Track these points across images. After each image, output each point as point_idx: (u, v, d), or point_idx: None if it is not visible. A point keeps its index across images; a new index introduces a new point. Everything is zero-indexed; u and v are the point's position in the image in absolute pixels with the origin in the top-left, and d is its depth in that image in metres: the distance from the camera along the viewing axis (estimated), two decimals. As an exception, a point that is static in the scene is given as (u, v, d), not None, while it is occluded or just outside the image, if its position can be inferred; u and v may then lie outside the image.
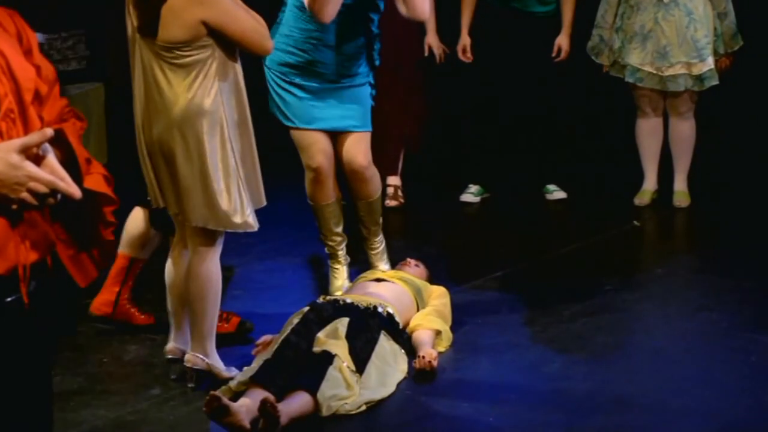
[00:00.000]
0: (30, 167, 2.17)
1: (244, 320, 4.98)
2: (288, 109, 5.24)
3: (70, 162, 2.32)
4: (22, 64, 2.36)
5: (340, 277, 5.49)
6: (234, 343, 4.87)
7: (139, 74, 4.32)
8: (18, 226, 2.29)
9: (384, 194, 7.12)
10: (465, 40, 7.01)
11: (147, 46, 4.25)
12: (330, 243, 5.50)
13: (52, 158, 2.24)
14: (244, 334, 4.94)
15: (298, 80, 5.21)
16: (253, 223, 4.37)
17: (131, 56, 4.36)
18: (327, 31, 5.15)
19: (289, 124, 5.27)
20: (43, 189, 2.18)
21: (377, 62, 5.42)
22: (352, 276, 5.48)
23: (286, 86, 5.22)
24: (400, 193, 7.14)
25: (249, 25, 4.25)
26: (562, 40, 6.91)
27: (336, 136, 5.35)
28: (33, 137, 2.19)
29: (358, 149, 5.33)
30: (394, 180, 7.16)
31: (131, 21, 4.29)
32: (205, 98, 4.23)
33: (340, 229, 5.48)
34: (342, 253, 5.52)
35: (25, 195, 2.17)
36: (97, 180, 2.42)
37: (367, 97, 5.39)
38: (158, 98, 4.26)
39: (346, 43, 5.23)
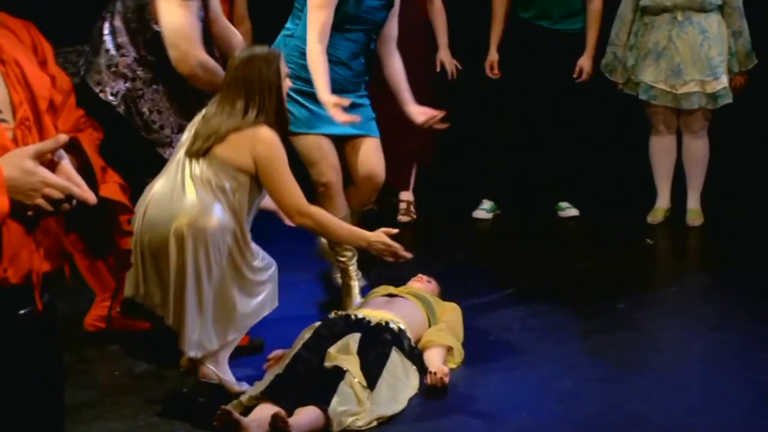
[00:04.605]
0: (44, 173, 2.17)
1: (253, 338, 4.96)
2: (297, 116, 5.21)
3: (85, 170, 2.32)
4: (37, 74, 2.37)
5: (352, 293, 5.48)
6: (245, 358, 4.86)
7: (170, 173, 4.40)
8: (33, 233, 2.29)
9: (397, 209, 7.14)
10: (493, 56, 7.04)
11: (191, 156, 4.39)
12: (341, 258, 5.49)
13: (66, 164, 2.24)
14: (253, 353, 4.94)
15: (309, 90, 5.18)
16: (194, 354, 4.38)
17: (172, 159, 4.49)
18: (339, 49, 5.20)
19: (300, 130, 5.22)
20: (57, 195, 2.18)
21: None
22: (364, 292, 5.47)
23: (296, 96, 5.20)
24: (412, 208, 7.15)
25: (291, 188, 4.39)
26: (585, 62, 6.91)
27: (347, 145, 5.36)
28: (47, 143, 2.20)
29: (378, 158, 5.36)
30: (406, 195, 7.16)
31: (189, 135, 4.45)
32: (212, 220, 4.29)
33: None
34: (353, 268, 5.51)
35: (40, 201, 2.17)
36: (113, 188, 2.42)
37: (370, 108, 5.44)
38: (176, 201, 4.31)
39: (354, 60, 5.29)
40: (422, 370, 4.69)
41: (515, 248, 6.72)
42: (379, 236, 4.46)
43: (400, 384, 4.52)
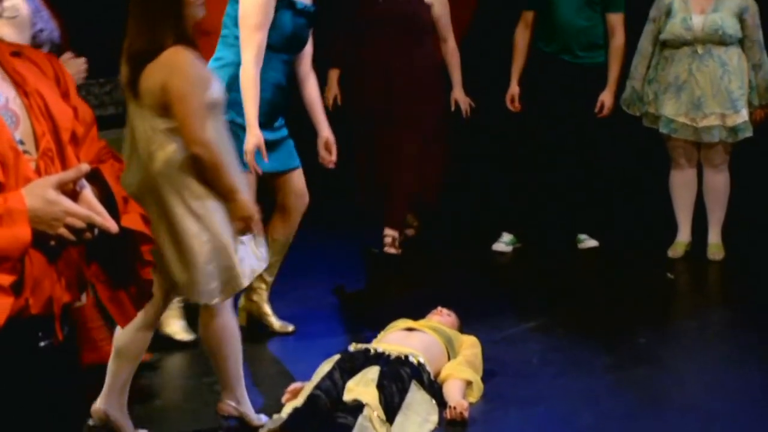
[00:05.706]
0: (66, 202, 2.18)
1: None
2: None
3: (107, 200, 2.33)
4: (60, 105, 2.38)
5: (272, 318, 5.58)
6: (264, 391, 4.85)
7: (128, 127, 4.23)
8: (55, 263, 2.29)
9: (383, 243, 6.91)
10: (514, 89, 7.03)
11: (130, 101, 4.16)
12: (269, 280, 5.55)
13: (88, 193, 2.26)
14: None
15: (243, 122, 4.98)
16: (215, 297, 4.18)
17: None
18: (278, 71, 5.15)
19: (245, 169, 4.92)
20: (80, 224, 2.19)
21: None
22: (382, 325, 5.44)
23: (239, 132, 4.91)
24: (397, 243, 6.84)
25: (199, 113, 4.01)
26: (606, 97, 6.90)
27: (278, 181, 5.33)
28: (69, 173, 2.21)
29: (304, 184, 5.38)
30: (391, 231, 6.86)
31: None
32: (165, 167, 4.07)
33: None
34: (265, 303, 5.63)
35: (62, 230, 2.18)
36: (134, 219, 2.42)
37: (290, 138, 5.38)
38: (136, 155, 4.13)
39: (288, 82, 5.23)
40: (441, 404, 4.67)
41: (535, 281, 6.70)
42: (254, 210, 4.16)
43: (419, 418, 4.49)
